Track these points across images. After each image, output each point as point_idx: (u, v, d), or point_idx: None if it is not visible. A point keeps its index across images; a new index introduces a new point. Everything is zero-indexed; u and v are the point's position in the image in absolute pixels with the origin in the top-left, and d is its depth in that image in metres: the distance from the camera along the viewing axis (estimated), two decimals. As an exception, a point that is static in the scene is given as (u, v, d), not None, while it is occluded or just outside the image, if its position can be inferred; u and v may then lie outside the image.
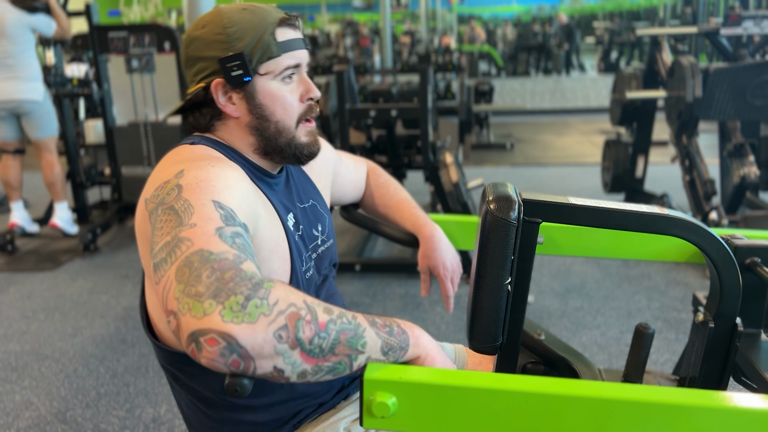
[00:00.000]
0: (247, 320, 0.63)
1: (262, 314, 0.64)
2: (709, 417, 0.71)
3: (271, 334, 0.64)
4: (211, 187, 0.81)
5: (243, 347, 0.63)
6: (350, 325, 0.70)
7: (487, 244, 0.84)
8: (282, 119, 0.97)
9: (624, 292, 3.09)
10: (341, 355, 0.69)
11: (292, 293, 0.68)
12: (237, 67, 0.92)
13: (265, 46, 0.93)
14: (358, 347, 0.71)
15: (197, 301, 0.64)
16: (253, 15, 0.94)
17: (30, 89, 3.65)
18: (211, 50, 0.93)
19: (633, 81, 3.83)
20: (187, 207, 0.77)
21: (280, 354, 0.65)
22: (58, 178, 3.90)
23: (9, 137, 3.77)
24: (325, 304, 0.71)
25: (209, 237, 0.72)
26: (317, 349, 0.67)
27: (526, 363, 1.14)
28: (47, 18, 3.69)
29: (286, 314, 0.65)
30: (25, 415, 2.19)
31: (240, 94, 0.95)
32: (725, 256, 0.85)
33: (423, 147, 3.37)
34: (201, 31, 0.94)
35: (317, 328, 0.67)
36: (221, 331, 0.63)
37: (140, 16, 14.73)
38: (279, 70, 0.95)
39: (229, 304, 0.64)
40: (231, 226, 0.76)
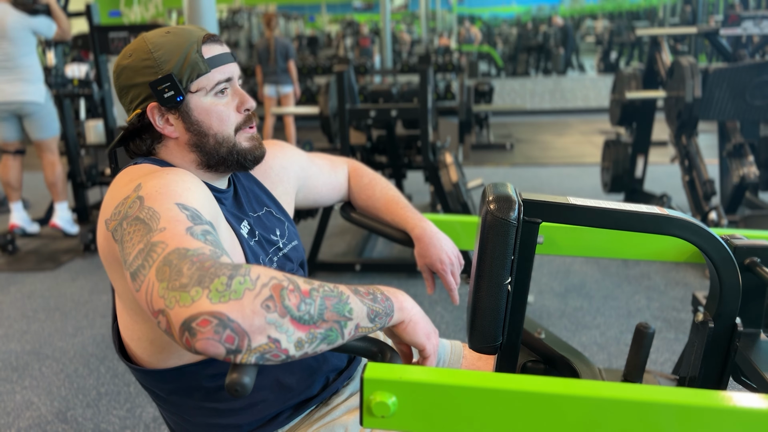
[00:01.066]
0: (234, 297, 0.65)
1: (246, 289, 0.66)
2: (709, 417, 0.71)
3: (259, 305, 0.65)
4: (172, 192, 0.82)
5: (234, 321, 0.64)
6: (333, 292, 0.72)
7: (487, 244, 0.84)
8: (219, 131, 0.98)
9: (624, 292, 3.09)
10: (331, 321, 0.70)
11: (271, 270, 0.70)
12: (168, 89, 0.94)
13: (192, 64, 0.94)
14: (345, 313, 0.72)
15: (183, 292, 0.66)
16: (176, 36, 0.96)
17: (32, 91, 3.65)
18: (140, 76, 0.95)
19: (632, 81, 3.83)
20: (152, 214, 0.78)
21: (272, 323, 0.66)
22: (60, 178, 3.91)
23: (10, 138, 3.78)
24: (304, 278, 0.73)
25: (182, 236, 0.73)
26: (306, 315, 0.68)
27: (527, 362, 1.14)
28: (48, 20, 3.69)
29: (270, 286, 0.67)
30: (25, 415, 2.19)
31: (176, 115, 0.96)
32: (725, 256, 0.85)
33: (423, 147, 3.37)
34: (128, 60, 0.96)
35: (301, 295, 0.68)
36: (211, 311, 0.64)
37: (141, 17, 14.72)
38: (210, 86, 0.96)
39: (214, 287, 0.65)
40: (199, 224, 0.77)
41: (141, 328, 0.94)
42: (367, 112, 3.39)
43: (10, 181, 3.86)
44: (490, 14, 23.01)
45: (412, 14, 18.52)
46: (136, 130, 0.99)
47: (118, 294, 0.95)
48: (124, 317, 0.97)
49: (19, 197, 3.95)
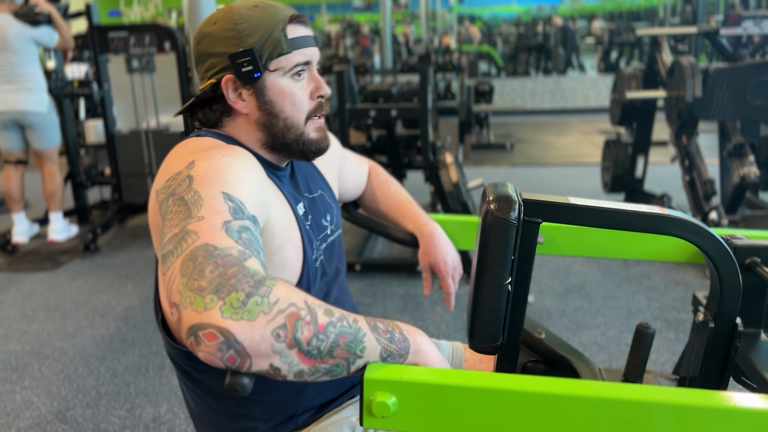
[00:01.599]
0: (246, 317, 0.64)
1: (261, 312, 0.64)
2: (709, 417, 0.71)
3: (269, 333, 0.64)
4: (221, 178, 0.80)
5: (240, 343, 0.63)
6: (350, 329, 0.70)
7: (488, 244, 0.84)
8: (291, 116, 0.97)
9: (624, 292, 3.09)
10: (339, 358, 0.69)
11: (293, 293, 0.68)
12: (247, 63, 0.92)
13: (275, 43, 0.93)
14: (357, 351, 0.71)
15: (199, 296, 0.65)
16: (264, 12, 0.94)
17: (35, 101, 3.65)
18: (221, 46, 0.93)
19: (633, 81, 3.83)
20: (197, 199, 0.77)
21: (278, 353, 0.65)
22: (59, 188, 3.91)
23: (12, 147, 3.77)
24: (326, 306, 0.71)
25: (215, 231, 0.72)
26: (315, 350, 0.67)
27: (527, 362, 1.14)
28: (50, 30, 3.68)
29: (286, 314, 0.66)
30: (25, 415, 2.19)
31: (250, 91, 0.95)
32: (725, 256, 0.85)
33: (423, 147, 3.37)
34: (212, 27, 0.94)
35: (316, 329, 0.67)
36: (220, 326, 0.63)
37: (140, 17, 14.72)
38: (289, 67, 0.95)
39: (229, 301, 0.64)
40: (239, 219, 0.76)
41: None
42: (367, 112, 3.39)
43: (12, 193, 3.83)
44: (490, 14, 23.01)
45: (412, 14, 18.52)
46: (207, 100, 0.98)
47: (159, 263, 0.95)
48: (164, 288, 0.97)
49: (22, 208, 3.92)
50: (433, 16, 16.31)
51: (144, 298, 3.19)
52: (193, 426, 1.11)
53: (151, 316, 2.95)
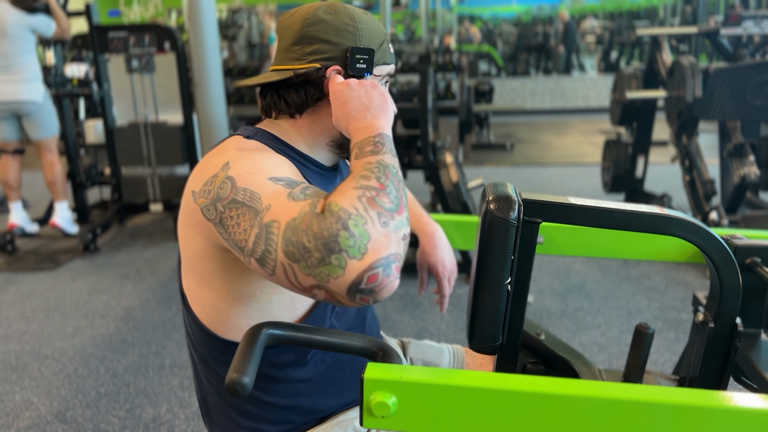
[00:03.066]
0: (365, 240, 0.70)
1: (365, 224, 0.70)
2: (709, 417, 0.71)
3: (381, 226, 0.71)
4: (261, 169, 0.84)
5: (387, 256, 0.70)
6: (380, 166, 0.78)
7: (487, 244, 0.84)
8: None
9: (624, 292, 3.09)
10: (396, 180, 0.78)
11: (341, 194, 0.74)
12: (363, 61, 0.96)
13: (384, 51, 0.99)
14: (393, 170, 0.80)
15: (326, 265, 0.70)
16: (374, 21, 1.00)
17: (30, 90, 3.65)
18: (339, 37, 0.95)
19: (633, 81, 3.83)
20: (251, 195, 0.79)
21: (397, 228, 0.73)
22: (59, 177, 3.91)
23: (9, 137, 3.78)
24: (353, 175, 0.78)
25: (287, 207, 0.75)
26: (396, 198, 0.75)
27: (526, 363, 1.14)
28: (47, 18, 3.69)
29: (367, 206, 0.72)
30: (25, 415, 2.19)
31: None
32: (725, 256, 0.85)
33: (423, 147, 3.37)
34: (330, 16, 0.96)
35: (382, 191, 0.74)
36: (368, 266, 0.69)
37: (140, 16, 14.72)
38: (383, 75, 1.01)
39: (346, 246, 0.69)
40: (296, 186, 0.79)
41: (207, 295, 0.95)
42: (367, 112, 3.38)
43: (9, 181, 3.86)
44: (490, 14, 23.00)
45: (412, 14, 18.51)
46: (300, 83, 0.97)
47: (186, 258, 0.96)
48: (190, 280, 0.98)
49: (19, 197, 3.95)
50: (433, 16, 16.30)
51: (144, 298, 3.19)
52: (204, 420, 1.11)
53: (151, 316, 2.95)
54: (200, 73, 3.60)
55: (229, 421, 1.04)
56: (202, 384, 1.07)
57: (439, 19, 16.68)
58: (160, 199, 4.17)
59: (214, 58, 3.64)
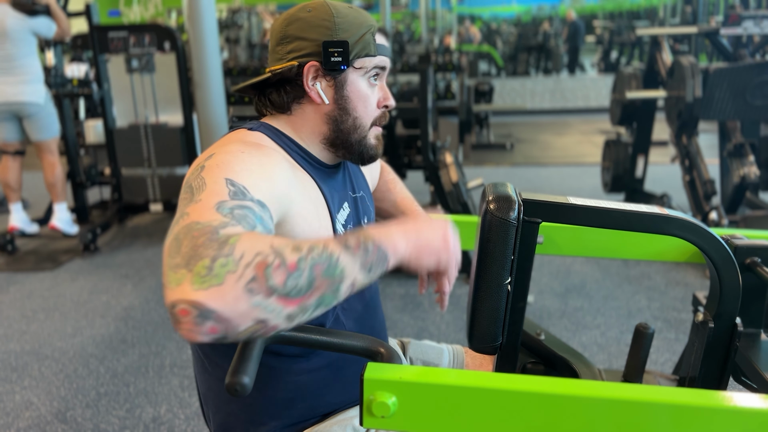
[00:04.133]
0: (215, 283, 0.62)
1: (228, 273, 0.62)
2: (709, 417, 0.70)
3: (242, 290, 0.62)
4: (230, 168, 0.82)
5: (214, 311, 0.61)
6: (322, 257, 0.69)
7: (487, 244, 0.84)
8: (361, 116, 1.01)
9: (624, 292, 3.09)
10: (322, 287, 0.68)
11: (258, 241, 0.67)
12: (338, 54, 0.95)
13: (366, 43, 0.98)
14: (336, 275, 0.69)
15: (174, 272, 0.64)
16: (358, 14, 0.99)
17: (32, 91, 3.65)
18: (314, 32, 0.96)
19: (633, 81, 3.83)
20: (200, 185, 0.78)
21: (257, 306, 0.63)
22: (59, 178, 3.91)
23: (10, 138, 3.78)
24: (294, 243, 0.69)
25: (205, 210, 0.72)
26: (294, 290, 0.65)
27: (526, 363, 1.14)
28: (48, 20, 3.69)
29: (254, 265, 0.64)
30: (25, 415, 2.19)
31: (330, 82, 0.98)
32: (725, 256, 0.85)
33: (423, 147, 3.37)
34: (306, 14, 0.97)
35: (287, 270, 0.65)
36: (190, 300, 0.61)
37: (140, 16, 14.72)
38: (370, 68, 0.99)
39: (197, 270, 0.62)
40: (238, 200, 0.76)
41: None
42: (367, 112, 3.38)
43: (10, 182, 3.86)
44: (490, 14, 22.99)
45: (412, 14, 18.51)
46: (280, 82, 0.99)
47: None
48: None
49: (19, 198, 3.95)
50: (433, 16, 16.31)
51: (144, 298, 3.19)
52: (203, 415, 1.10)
53: (151, 316, 2.95)
54: (200, 73, 3.59)
55: (229, 416, 1.04)
56: (203, 378, 1.07)
57: (439, 19, 16.68)
58: (160, 199, 4.17)
59: (214, 58, 3.63)
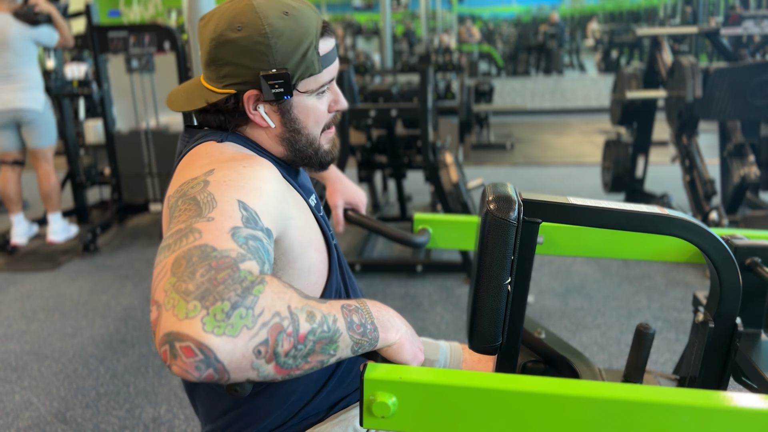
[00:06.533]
0: (229, 332, 0.60)
1: (245, 327, 0.61)
2: (709, 417, 0.70)
3: (251, 350, 0.62)
4: (240, 187, 0.77)
5: (221, 362, 0.60)
6: (328, 332, 0.69)
7: (487, 244, 0.84)
8: (312, 131, 0.96)
9: (624, 292, 3.09)
10: (314, 361, 0.69)
11: (279, 298, 0.65)
12: (279, 85, 0.87)
13: (308, 63, 0.89)
14: (330, 352, 0.70)
15: (183, 300, 0.61)
16: (296, 23, 0.88)
17: (31, 98, 3.64)
18: (250, 59, 0.87)
19: (633, 81, 3.83)
20: (210, 200, 0.73)
21: (256, 368, 0.63)
22: (54, 189, 3.87)
23: (8, 147, 3.75)
24: (311, 306, 0.68)
25: (221, 234, 0.68)
26: (291, 360, 0.66)
27: (527, 362, 1.14)
28: (50, 29, 3.68)
29: (269, 326, 0.63)
30: (25, 415, 2.19)
31: (274, 107, 0.92)
32: (725, 256, 0.85)
33: (423, 147, 3.37)
34: (237, 34, 0.87)
35: (296, 341, 0.65)
36: (200, 341, 0.59)
37: (140, 16, 14.72)
38: (317, 87, 0.92)
39: (213, 311, 0.60)
40: (250, 228, 0.72)
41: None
42: (367, 112, 3.39)
43: (9, 194, 3.80)
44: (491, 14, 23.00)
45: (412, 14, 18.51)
46: (228, 106, 0.92)
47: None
48: None
49: (20, 209, 3.88)
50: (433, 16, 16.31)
51: (144, 298, 3.18)
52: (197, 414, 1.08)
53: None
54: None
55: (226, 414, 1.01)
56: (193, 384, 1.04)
57: (439, 19, 16.68)
58: (160, 199, 4.17)
59: (214, 58, 3.63)
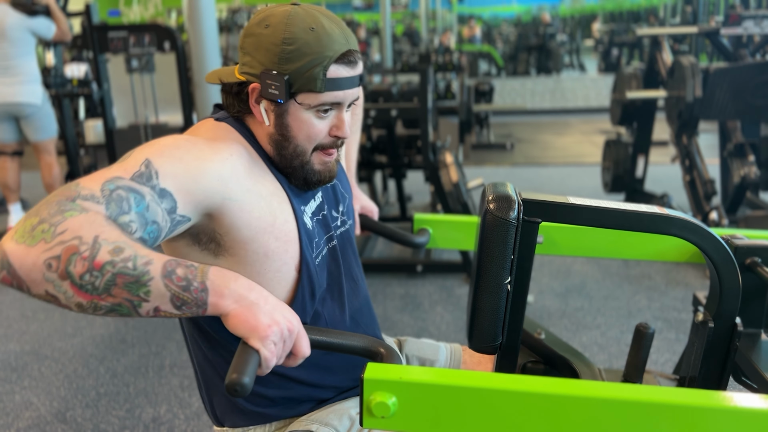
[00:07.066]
0: (28, 242, 0.67)
1: (42, 240, 0.67)
2: (709, 417, 0.70)
3: (42, 261, 0.67)
4: (159, 151, 0.82)
5: (12, 266, 0.67)
6: (135, 271, 0.70)
7: (487, 243, 0.84)
8: (302, 144, 0.95)
9: (624, 292, 3.09)
10: (120, 297, 0.70)
11: (89, 227, 0.69)
12: (275, 87, 0.90)
13: (310, 79, 0.90)
14: (140, 294, 0.71)
15: (23, 218, 0.70)
16: (316, 40, 0.89)
17: (29, 92, 3.65)
18: (261, 55, 0.90)
19: (633, 81, 3.83)
20: (126, 157, 0.81)
21: (50, 281, 0.68)
22: (57, 179, 3.90)
23: (7, 139, 3.77)
24: (125, 245, 0.70)
25: (98, 178, 0.75)
26: (89, 285, 0.69)
27: (526, 362, 1.14)
28: (47, 21, 3.69)
29: (65, 245, 0.67)
30: (24, 415, 2.19)
31: (273, 107, 0.93)
32: (725, 256, 0.85)
33: (423, 147, 3.37)
34: (263, 30, 0.91)
35: (91, 265, 0.68)
36: (3, 247, 0.68)
37: (140, 16, 14.71)
38: (315, 104, 0.92)
39: (26, 224, 0.68)
40: (135, 182, 0.76)
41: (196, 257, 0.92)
42: (367, 112, 3.39)
43: (8, 183, 3.85)
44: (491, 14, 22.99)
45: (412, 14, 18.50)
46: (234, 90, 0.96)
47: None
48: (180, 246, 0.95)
49: (18, 198, 3.94)
50: (433, 15, 16.31)
51: (144, 298, 3.19)
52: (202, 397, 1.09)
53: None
54: (200, 73, 3.60)
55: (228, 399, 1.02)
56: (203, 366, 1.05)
57: (439, 19, 16.68)
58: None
59: (214, 58, 3.64)
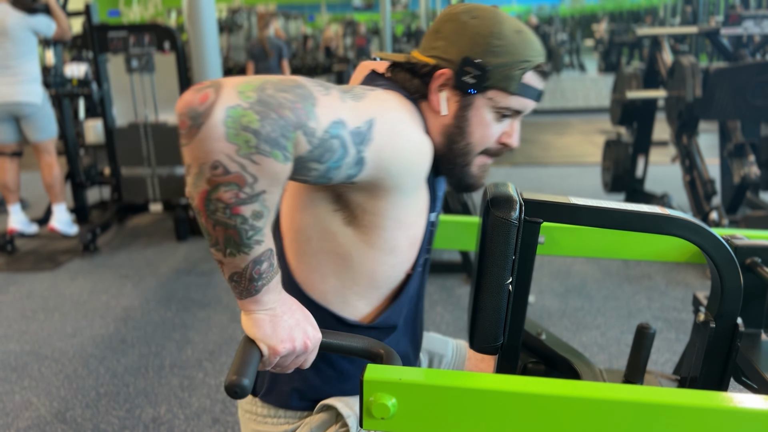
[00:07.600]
0: (230, 136, 0.65)
1: (237, 147, 0.65)
2: (710, 417, 0.70)
3: (216, 157, 0.65)
4: (386, 115, 0.80)
5: (203, 130, 0.65)
6: (246, 239, 0.71)
7: (488, 244, 0.84)
8: (474, 143, 0.94)
9: (624, 292, 3.09)
10: (215, 234, 0.71)
11: (271, 181, 0.69)
12: (473, 77, 0.89)
13: (508, 78, 0.89)
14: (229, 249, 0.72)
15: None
16: (522, 43, 0.90)
17: (29, 92, 3.65)
18: (464, 42, 0.89)
19: (633, 81, 3.83)
20: (358, 96, 0.78)
21: (201, 171, 0.66)
22: (57, 179, 3.90)
23: (7, 139, 3.76)
24: (267, 213, 0.71)
25: (328, 110, 0.72)
26: (212, 207, 0.69)
27: (527, 363, 1.14)
28: (47, 19, 3.69)
29: (242, 174, 0.67)
30: (24, 415, 2.19)
31: (457, 98, 0.91)
32: (726, 256, 0.85)
33: (423, 147, 3.37)
34: (470, 20, 0.90)
35: (232, 203, 0.68)
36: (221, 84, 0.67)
37: (140, 16, 14.72)
38: (501, 105, 0.91)
39: (249, 113, 0.65)
40: (351, 137, 0.74)
41: (325, 216, 0.90)
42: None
43: (8, 184, 3.84)
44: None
45: (412, 14, 18.52)
46: (411, 70, 0.93)
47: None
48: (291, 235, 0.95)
49: (18, 199, 3.93)
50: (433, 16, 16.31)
51: (143, 298, 3.18)
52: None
53: (151, 317, 2.95)
54: (200, 73, 3.60)
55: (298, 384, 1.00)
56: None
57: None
58: (159, 199, 4.17)
59: (214, 58, 3.64)
